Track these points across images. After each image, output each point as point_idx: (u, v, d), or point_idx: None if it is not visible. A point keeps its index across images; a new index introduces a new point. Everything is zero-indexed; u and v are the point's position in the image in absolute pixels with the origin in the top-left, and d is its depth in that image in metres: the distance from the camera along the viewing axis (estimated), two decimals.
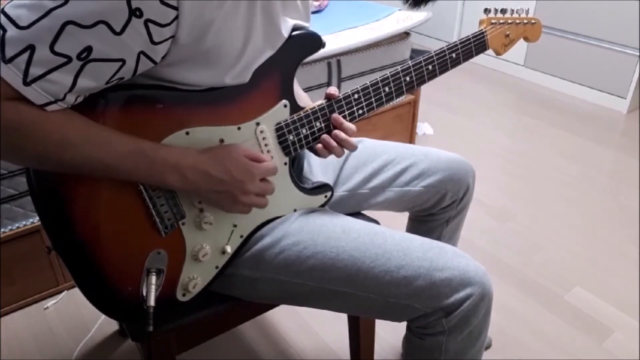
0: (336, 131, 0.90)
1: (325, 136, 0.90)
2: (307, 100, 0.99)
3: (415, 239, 0.91)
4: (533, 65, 3.15)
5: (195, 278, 0.87)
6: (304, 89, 1.81)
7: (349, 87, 0.92)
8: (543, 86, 3.12)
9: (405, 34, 2.09)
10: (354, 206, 1.09)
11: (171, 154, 0.75)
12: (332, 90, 0.91)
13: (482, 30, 1.01)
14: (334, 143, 0.89)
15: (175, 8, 0.66)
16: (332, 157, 1.08)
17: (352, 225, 0.92)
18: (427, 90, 2.56)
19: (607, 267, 1.73)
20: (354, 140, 0.91)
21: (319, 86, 1.88)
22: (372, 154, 1.09)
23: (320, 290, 0.89)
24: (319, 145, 0.90)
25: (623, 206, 2.05)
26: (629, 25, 2.64)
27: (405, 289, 0.86)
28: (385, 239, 0.89)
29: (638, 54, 2.65)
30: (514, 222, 1.96)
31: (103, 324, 1.49)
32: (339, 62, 1.90)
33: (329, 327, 1.49)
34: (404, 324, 0.97)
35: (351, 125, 0.91)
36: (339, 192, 1.07)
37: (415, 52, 2.14)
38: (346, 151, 0.92)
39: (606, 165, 2.34)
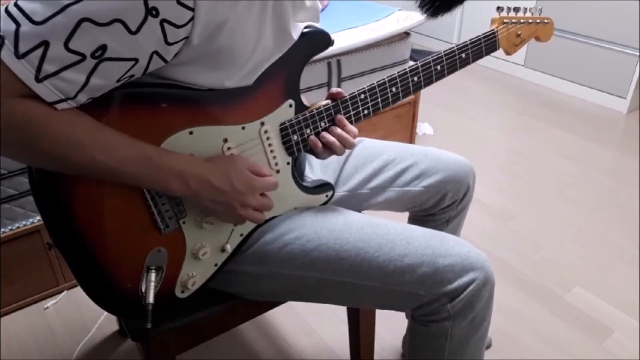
0: (333, 127, 0.89)
1: (324, 133, 0.89)
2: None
3: (417, 229, 0.92)
4: (533, 65, 3.15)
5: (194, 276, 0.87)
6: (303, 89, 1.81)
7: (349, 87, 0.92)
8: (543, 86, 3.12)
9: (405, 34, 2.09)
10: (354, 206, 1.09)
11: (176, 161, 0.75)
12: (334, 90, 0.91)
13: (493, 30, 1.00)
14: (332, 139, 0.89)
15: (192, 9, 0.65)
16: (332, 157, 1.08)
17: (354, 217, 0.93)
18: (427, 90, 2.55)
19: (607, 267, 1.73)
20: (352, 140, 0.91)
21: (319, 86, 1.88)
22: (372, 154, 1.09)
23: (325, 282, 0.90)
24: (320, 146, 0.90)
25: (623, 206, 2.05)
26: (629, 25, 2.64)
27: (409, 277, 0.87)
28: (388, 229, 0.90)
29: (638, 54, 2.65)
30: (514, 222, 1.96)
31: (103, 324, 1.49)
32: (339, 62, 1.90)
33: (329, 327, 1.49)
34: (404, 324, 0.97)
35: (354, 128, 0.91)
36: (339, 192, 1.07)
37: (415, 52, 2.14)
38: (347, 150, 0.92)
39: (606, 165, 2.34)
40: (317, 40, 0.86)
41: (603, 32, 2.76)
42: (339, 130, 0.89)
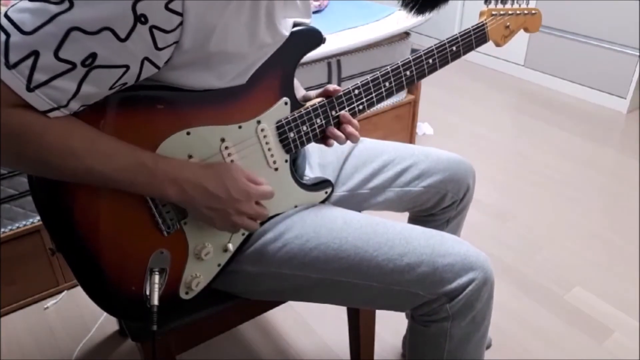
0: (345, 126, 0.91)
1: (331, 129, 0.91)
2: (301, 91, 0.99)
3: (416, 228, 0.92)
4: (533, 65, 3.15)
5: (198, 276, 0.87)
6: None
7: (348, 86, 0.93)
8: (543, 86, 3.12)
9: (405, 34, 2.09)
10: (354, 206, 1.09)
11: (171, 167, 0.75)
12: (331, 87, 0.91)
13: (482, 22, 1.01)
14: (339, 133, 0.91)
15: (180, 14, 0.65)
16: (332, 157, 1.08)
17: (354, 216, 0.93)
18: (427, 90, 2.56)
19: (607, 267, 1.73)
20: (359, 135, 0.93)
21: (319, 86, 1.87)
22: (372, 154, 1.09)
23: (324, 282, 0.90)
24: (330, 141, 0.92)
25: (623, 206, 2.05)
26: (629, 25, 2.64)
27: (408, 276, 0.87)
28: (387, 229, 0.90)
29: (638, 54, 2.65)
30: (514, 222, 1.96)
31: (103, 324, 1.49)
32: (339, 62, 1.90)
33: (329, 327, 1.49)
34: (404, 324, 0.97)
35: (356, 123, 0.93)
36: (339, 192, 1.07)
37: (415, 52, 2.14)
38: (349, 143, 0.93)
39: (606, 165, 2.34)
40: (308, 38, 0.86)
41: (603, 32, 2.76)
42: (349, 129, 0.91)
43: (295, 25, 0.85)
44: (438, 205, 1.13)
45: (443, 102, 2.90)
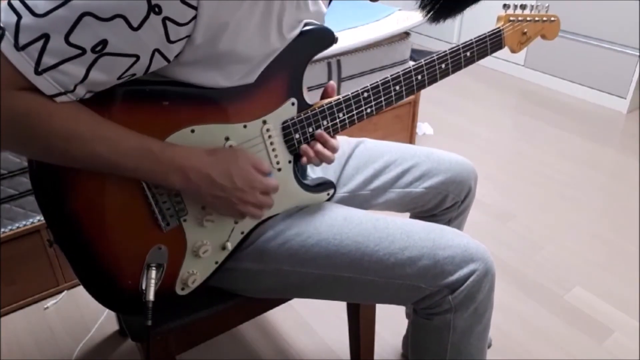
0: (313, 142, 0.88)
1: (303, 146, 0.88)
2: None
3: (416, 223, 0.92)
4: (533, 65, 3.15)
5: (195, 273, 0.87)
6: None
7: (349, 87, 0.92)
8: (543, 86, 3.12)
9: (405, 34, 2.09)
10: (355, 207, 1.09)
11: (177, 154, 0.75)
12: (330, 83, 0.90)
13: (499, 28, 0.99)
14: (312, 153, 0.88)
15: (195, 8, 0.65)
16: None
17: (354, 213, 0.93)
18: (427, 90, 2.56)
19: (607, 267, 1.73)
20: (331, 155, 0.89)
21: (319, 86, 1.88)
22: (373, 154, 1.09)
23: (326, 278, 0.90)
24: (303, 159, 0.89)
25: (623, 206, 2.05)
26: (629, 25, 2.64)
27: (410, 270, 0.88)
28: (387, 224, 0.91)
29: (638, 54, 2.65)
30: (514, 222, 1.96)
31: (103, 324, 1.49)
32: (339, 62, 1.90)
33: (329, 327, 1.49)
34: (404, 324, 0.97)
35: (335, 143, 0.90)
36: (340, 193, 1.07)
37: (415, 52, 2.14)
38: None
39: (606, 165, 2.34)
40: (320, 38, 0.85)
41: (603, 32, 2.76)
42: (318, 147, 0.88)
43: (305, 24, 0.83)
44: (439, 206, 1.13)
45: (443, 102, 2.90)
